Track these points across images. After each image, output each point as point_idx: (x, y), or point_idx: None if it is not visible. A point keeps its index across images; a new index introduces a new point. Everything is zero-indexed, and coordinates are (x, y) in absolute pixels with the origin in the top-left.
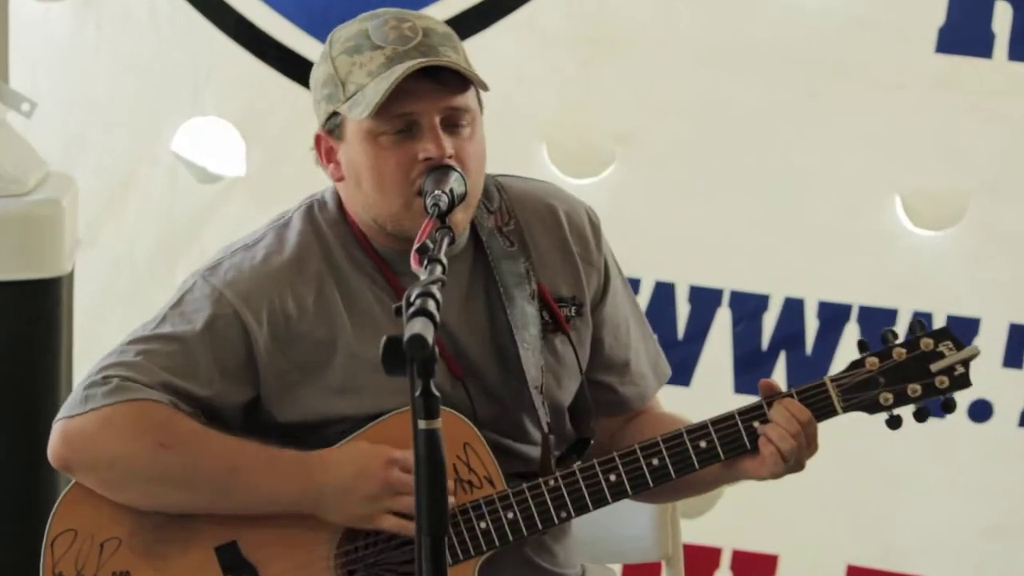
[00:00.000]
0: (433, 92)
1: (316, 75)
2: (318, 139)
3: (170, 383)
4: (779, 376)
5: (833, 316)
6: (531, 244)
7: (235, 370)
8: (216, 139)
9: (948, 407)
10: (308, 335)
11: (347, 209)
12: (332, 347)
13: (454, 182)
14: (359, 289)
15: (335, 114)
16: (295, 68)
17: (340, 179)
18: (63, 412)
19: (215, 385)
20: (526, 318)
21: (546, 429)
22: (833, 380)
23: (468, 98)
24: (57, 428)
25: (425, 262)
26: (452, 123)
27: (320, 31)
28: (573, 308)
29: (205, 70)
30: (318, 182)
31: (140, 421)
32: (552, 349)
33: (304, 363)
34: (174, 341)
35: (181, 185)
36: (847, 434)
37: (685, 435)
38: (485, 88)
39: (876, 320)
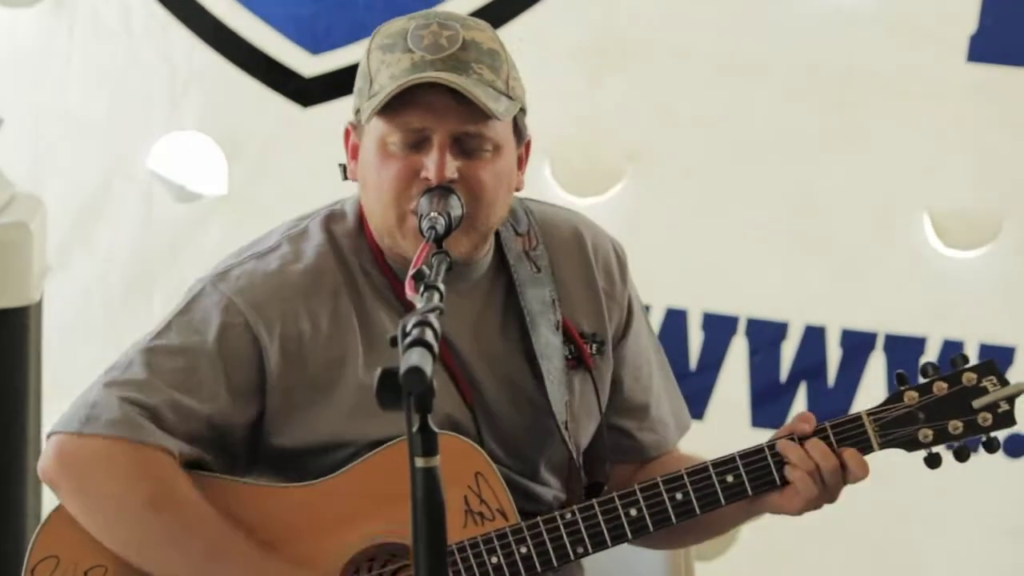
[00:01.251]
0: (450, 111)
1: (359, 66)
2: (347, 132)
3: (176, 402)
4: (799, 410)
5: (857, 345)
6: (557, 272)
7: (243, 385)
8: (195, 155)
9: (991, 447)
10: (319, 355)
11: (365, 220)
12: (342, 369)
13: (452, 206)
14: (374, 310)
15: (359, 110)
16: (280, 79)
17: (355, 178)
18: (62, 424)
19: (219, 401)
20: (550, 349)
21: (579, 463)
22: (870, 414)
23: (491, 127)
24: (54, 443)
25: (422, 289)
26: (468, 147)
27: (307, 39)
28: (594, 345)
29: (183, 81)
30: (306, 201)
31: (141, 469)
32: (571, 386)
33: (312, 383)
34: (180, 354)
35: (158, 205)
36: (872, 471)
37: (711, 468)
38: (497, 118)
39: (903, 349)
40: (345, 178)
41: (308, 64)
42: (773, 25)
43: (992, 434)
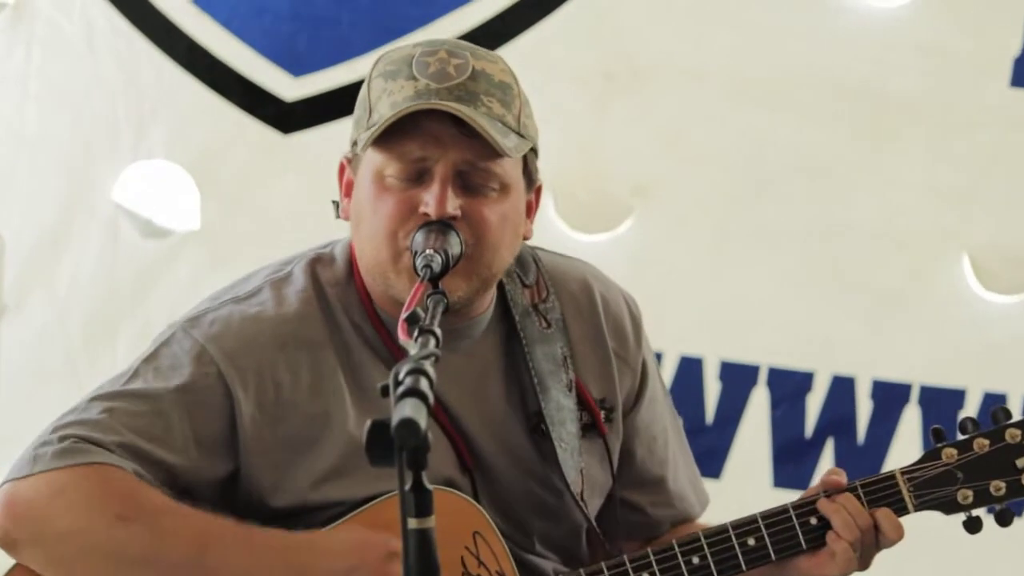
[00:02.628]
0: (456, 142)
1: (359, 94)
2: (342, 167)
3: (135, 446)
4: (825, 468)
5: (890, 397)
6: (569, 327)
7: (213, 439)
8: (164, 186)
9: None
10: (299, 409)
11: (356, 266)
12: (326, 424)
13: (451, 243)
14: (362, 362)
15: (357, 142)
16: (258, 103)
17: (347, 217)
18: (9, 474)
19: (189, 454)
20: (562, 413)
21: (600, 536)
22: (904, 473)
23: (499, 163)
24: (1, 495)
25: (416, 333)
26: (473, 183)
27: (286, 60)
28: (603, 411)
29: (152, 105)
30: (287, 237)
31: (97, 489)
32: (583, 453)
33: (292, 440)
34: (145, 399)
35: (123, 240)
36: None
37: (731, 530)
38: (505, 154)
39: (940, 402)
40: (338, 216)
41: (289, 87)
42: (796, 45)
43: None
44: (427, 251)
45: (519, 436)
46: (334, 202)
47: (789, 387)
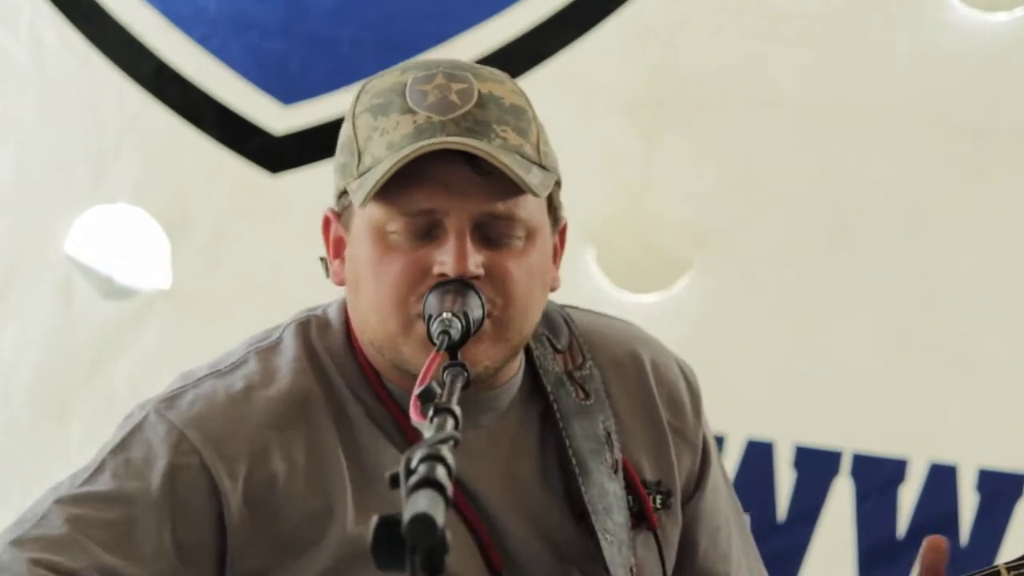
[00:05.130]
0: (470, 187)
1: (340, 134)
2: (326, 222)
3: (106, 567)
4: None
5: (999, 489)
6: (612, 398)
7: (195, 545)
8: (128, 236)
9: None
10: (296, 506)
11: (354, 332)
12: (327, 522)
13: (471, 305)
14: (369, 447)
15: (346, 192)
16: (241, 137)
17: (341, 283)
18: None
19: (164, 564)
20: (607, 499)
21: None
22: (1010, 568)
23: (523, 206)
24: None
25: (431, 413)
26: (494, 233)
27: (276, 86)
28: (658, 497)
29: (114, 138)
30: (274, 298)
31: None
32: (635, 547)
33: (286, 542)
34: (115, 504)
35: (78, 302)
36: None
37: None
38: (533, 193)
39: None
40: (329, 277)
41: (278, 117)
42: (886, 67)
43: None
44: (444, 315)
45: (560, 527)
46: (322, 259)
47: (878, 477)
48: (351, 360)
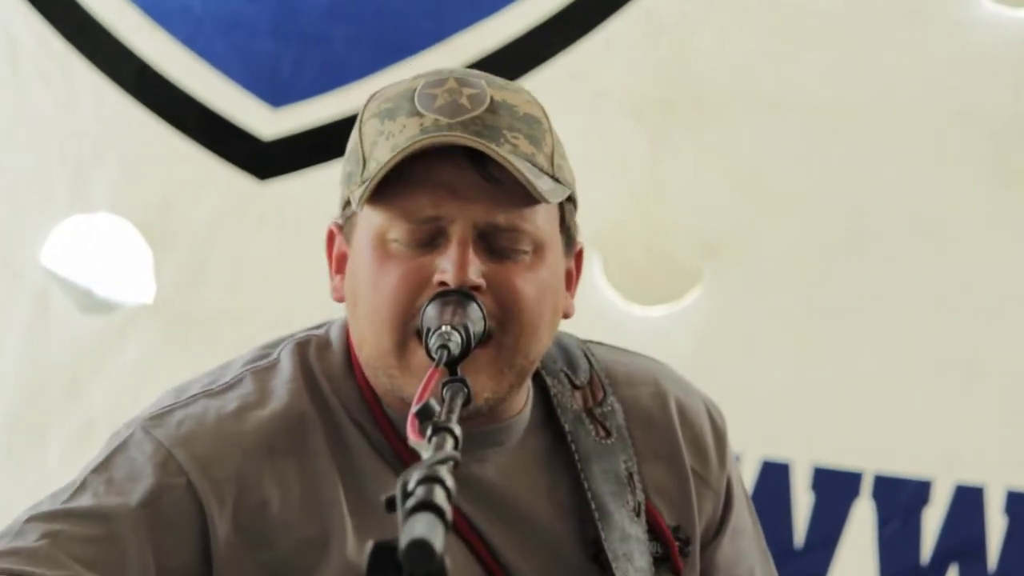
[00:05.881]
0: (476, 192)
1: (348, 144)
2: (330, 237)
3: None
4: None
5: None
6: (635, 437)
7: (179, 568)
8: (109, 247)
9: None
10: (290, 531)
11: (355, 354)
12: (323, 550)
13: (472, 317)
14: (367, 472)
15: (349, 202)
16: (228, 142)
17: (341, 299)
18: None
19: None
20: (629, 544)
21: None
22: None
23: (531, 218)
24: None
25: (429, 432)
26: (499, 245)
27: (266, 88)
28: (677, 544)
29: (93, 143)
30: (263, 312)
31: None
32: None
33: (279, 569)
34: (95, 520)
35: (56, 316)
36: None
37: None
38: (542, 199)
39: None
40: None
41: (267, 121)
42: (903, 68)
43: None
44: (442, 328)
45: (576, 572)
46: None
47: (901, 499)
48: (351, 384)
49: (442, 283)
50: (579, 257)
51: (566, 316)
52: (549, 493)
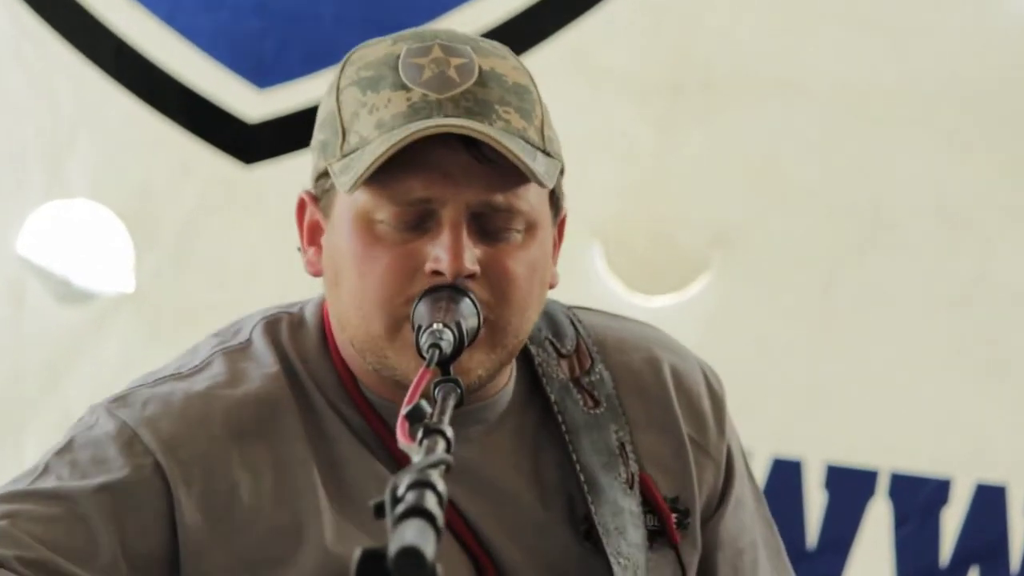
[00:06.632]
0: (468, 174)
1: (320, 109)
2: (301, 205)
3: (46, 563)
4: None
5: None
6: (626, 406)
7: (147, 555)
8: (87, 235)
9: None
10: (261, 518)
11: (331, 332)
12: (297, 538)
13: (465, 314)
14: (344, 457)
15: (327, 173)
16: (211, 125)
17: (317, 273)
18: None
19: (115, 572)
20: (621, 518)
21: None
22: None
23: (524, 196)
24: None
25: (420, 435)
26: (492, 226)
27: (251, 68)
28: (675, 515)
29: (70, 126)
30: (248, 302)
31: None
32: (650, 569)
33: (250, 559)
34: (58, 501)
35: (32, 307)
36: None
37: None
38: (541, 183)
39: None
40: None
41: (252, 103)
42: (925, 50)
43: None
44: (434, 326)
45: (564, 551)
46: (301, 249)
47: (919, 499)
48: (327, 365)
49: (436, 272)
50: (562, 224)
51: (551, 287)
52: (536, 470)
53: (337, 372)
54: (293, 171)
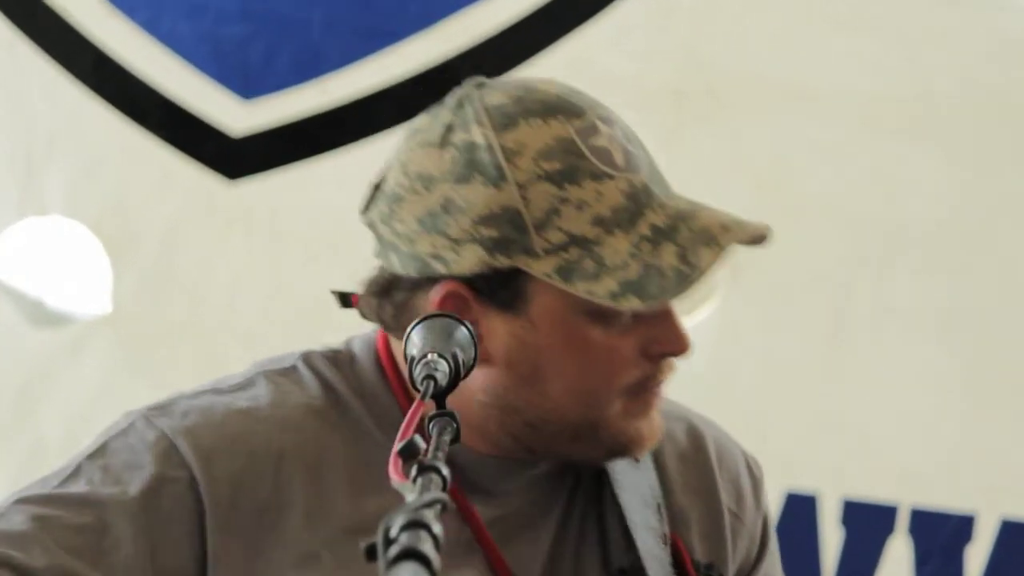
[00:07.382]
0: None
1: (480, 202)
2: (451, 298)
3: (71, 571)
4: None
5: None
6: (664, 469)
7: (175, 568)
8: (62, 254)
9: None
10: (287, 545)
11: (389, 370)
12: (315, 562)
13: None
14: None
15: (514, 272)
16: (193, 138)
17: (485, 362)
18: None
19: None
20: (658, 568)
21: None
22: None
23: None
24: None
25: (414, 472)
26: None
27: (234, 77)
28: None
29: (44, 140)
30: (231, 325)
31: None
32: None
33: None
34: (88, 507)
35: (2, 330)
36: None
37: None
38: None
39: None
40: (347, 305)
41: (237, 115)
42: (942, 56)
43: None
44: (428, 356)
45: None
46: (340, 294)
47: (941, 536)
48: (389, 402)
49: (664, 354)
50: None
51: None
52: (576, 515)
53: (400, 410)
54: (280, 188)
